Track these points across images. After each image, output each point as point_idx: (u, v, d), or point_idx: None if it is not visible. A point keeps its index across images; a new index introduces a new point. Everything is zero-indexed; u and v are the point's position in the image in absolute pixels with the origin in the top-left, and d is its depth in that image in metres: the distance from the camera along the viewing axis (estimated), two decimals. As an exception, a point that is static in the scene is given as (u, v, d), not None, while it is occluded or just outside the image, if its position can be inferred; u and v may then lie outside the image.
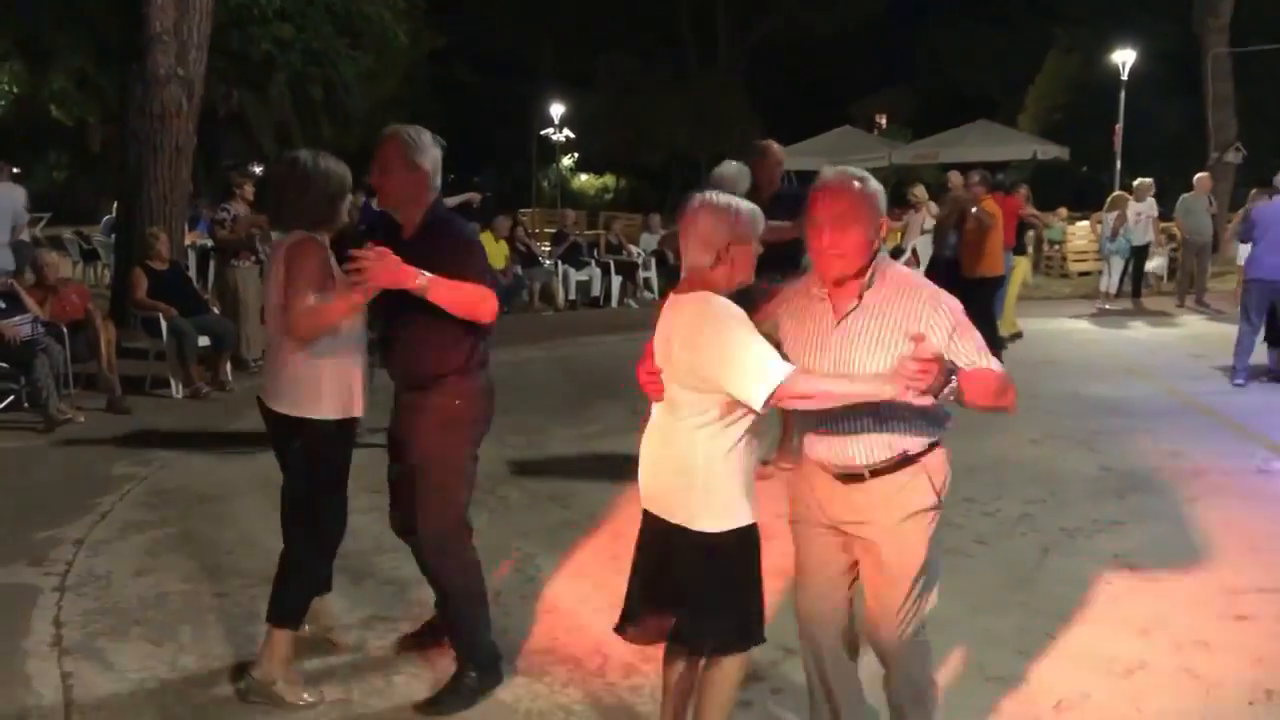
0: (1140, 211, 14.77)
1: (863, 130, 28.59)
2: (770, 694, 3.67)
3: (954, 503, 5.78)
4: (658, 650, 3.97)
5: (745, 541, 2.87)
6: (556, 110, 36.50)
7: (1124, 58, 22.62)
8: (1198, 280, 14.89)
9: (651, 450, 3.00)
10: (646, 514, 3.02)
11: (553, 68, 39.56)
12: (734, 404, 2.74)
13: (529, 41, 39.72)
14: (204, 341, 8.80)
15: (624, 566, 4.85)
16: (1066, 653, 4.00)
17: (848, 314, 2.79)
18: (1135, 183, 15.30)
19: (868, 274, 2.79)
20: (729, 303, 2.80)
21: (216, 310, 9.21)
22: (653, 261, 16.60)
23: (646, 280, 16.36)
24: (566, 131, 37.43)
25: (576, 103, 37.61)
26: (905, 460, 2.80)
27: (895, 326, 2.72)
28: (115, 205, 13.24)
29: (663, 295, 5.73)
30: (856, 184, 2.77)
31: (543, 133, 37.63)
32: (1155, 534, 5.32)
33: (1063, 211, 19.78)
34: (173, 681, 3.74)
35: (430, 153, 3.51)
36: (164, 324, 8.64)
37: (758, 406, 2.69)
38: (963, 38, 37.16)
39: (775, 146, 6.37)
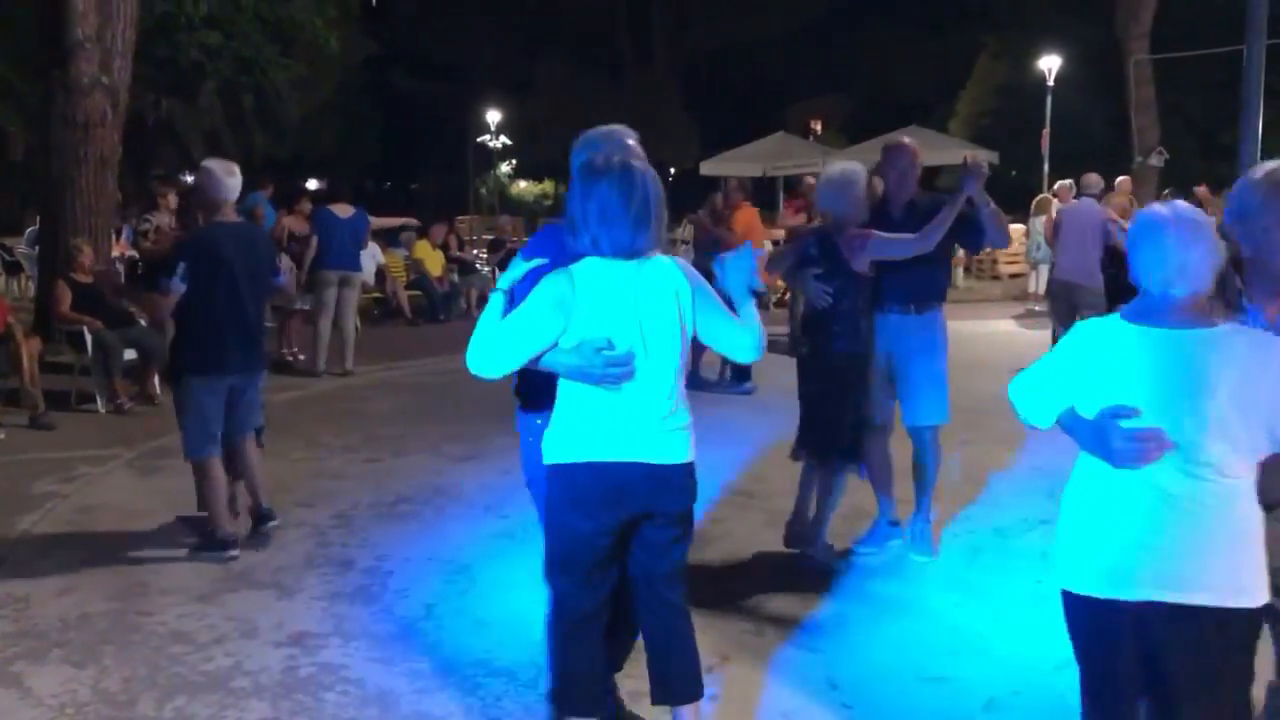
0: (1064, 214, 15.06)
1: (798, 136, 28.79)
2: (708, 700, 3.67)
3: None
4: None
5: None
6: (493, 116, 36.36)
7: (1050, 63, 23.11)
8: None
9: (1159, 518, 2.39)
10: (1116, 603, 2.45)
11: (489, 74, 39.39)
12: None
13: (466, 48, 39.52)
14: (130, 355, 8.61)
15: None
16: (997, 652, 4.06)
17: None
18: (1056, 186, 15.62)
19: None
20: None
21: (143, 323, 9.00)
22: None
23: (584, 287, 16.32)
24: (504, 138, 37.30)
25: (514, 109, 37.48)
26: None
27: None
28: (39, 216, 12.92)
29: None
30: None
31: (479, 139, 37.46)
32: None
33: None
34: (94, 705, 3.65)
35: None
36: (88, 337, 8.44)
37: None
38: (896, 43, 37.68)
39: (907, 144, 5.14)
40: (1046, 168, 21.63)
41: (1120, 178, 15.69)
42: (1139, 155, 23.70)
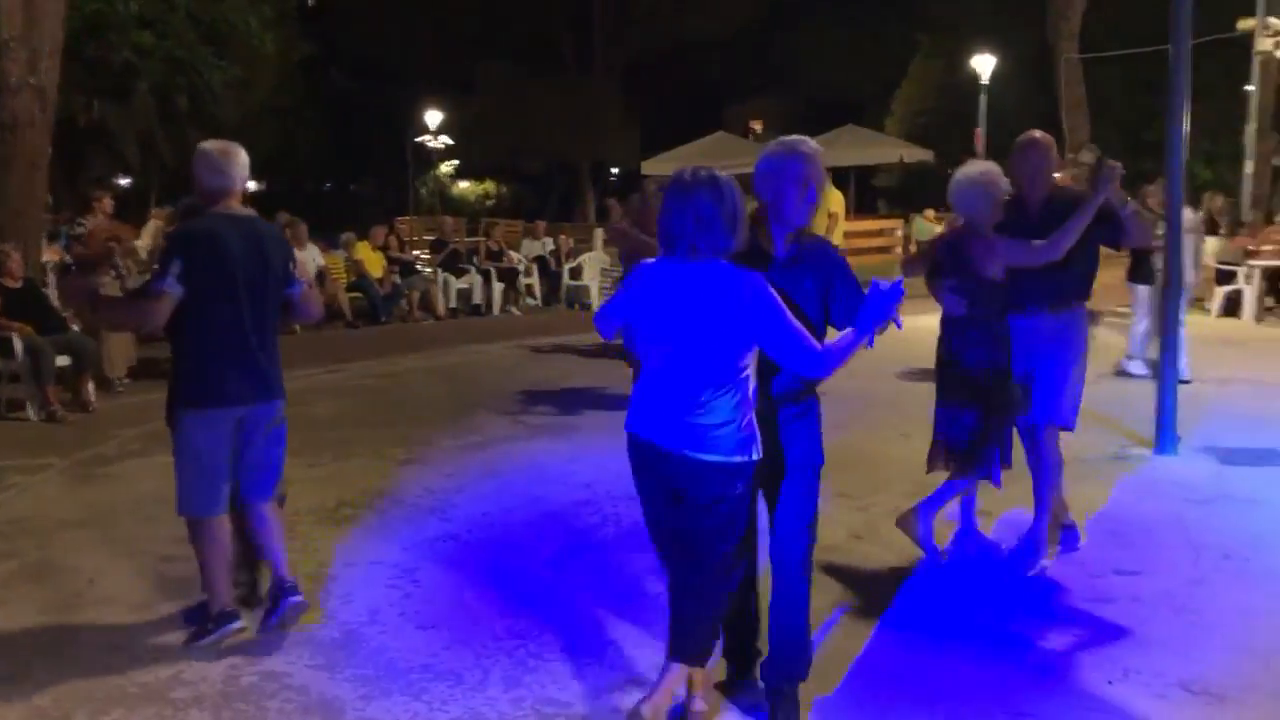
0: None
1: (738, 135, 28.96)
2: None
3: (828, 497, 5.89)
4: (539, 663, 3.96)
5: None
6: (434, 117, 36.11)
7: (983, 63, 23.49)
8: None
9: None
10: None
11: (430, 74, 39.08)
12: None
13: (405, 48, 39.17)
14: (63, 361, 8.43)
15: (504, 578, 4.84)
16: (938, 642, 4.11)
17: None
18: None
19: None
20: None
21: (76, 328, 8.82)
22: (535, 268, 16.54)
23: (529, 287, 16.28)
24: (444, 138, 37.05)
25: (455, 109, 37.25)
26: None
27: None
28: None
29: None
30: None
31: (419, 140, 37.17)
32: (1021, 522, 5.49)
33: (930, 213, 20.40)
34: (28, 720, 3.57)
35: None
36: (18, 344, 8.25)
37: None
38: (832, 43, 38.02)
39: (1041, 138, 4.94)
40: (982, 166, 21.97)
41: (1056, 175, 16.07)
42: (1070, 153, 24.19)
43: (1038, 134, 4.96)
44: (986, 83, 23.36)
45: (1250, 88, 20.06)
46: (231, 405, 4.08)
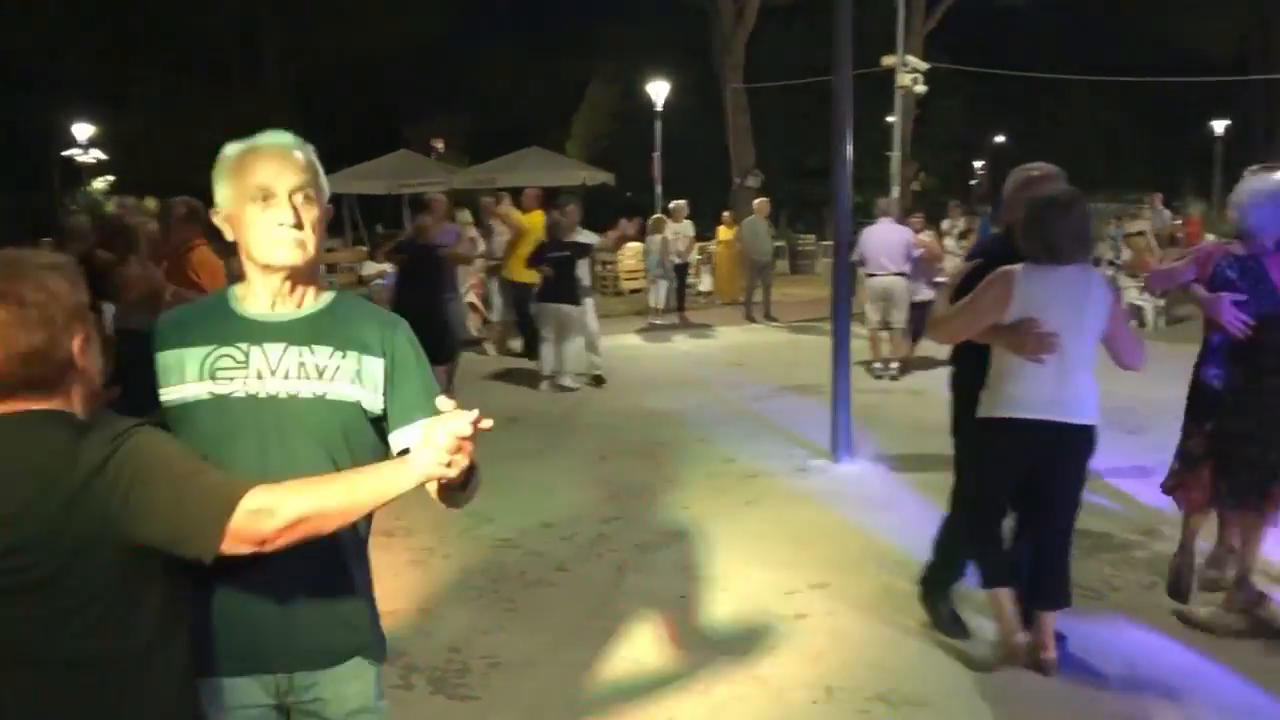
0: (677, 231, 15.93)
1: (421, 154, 28.46)
2: None
3: (533, 529, 5.77)
4: None
5: None
6: (83, 129, 33.04)
7: (657, 90, 24.39)
8: (764, 295, 16.12)
9: None
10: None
11: (79, 84, 35.74)
12: None
13: (48, 55, 35.64)
14: None
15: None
16: (647, 676, 4.04)
17: None
18: (671, 206, 16.61)
19: None
20: None
21: None
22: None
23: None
24: (96, 152, 33.99)
25: (111, 122, 34.24)
26: None
27: None
28: None
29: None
30: None
31: (66, 154, 33.89)
32: (717, 541, 5.57)
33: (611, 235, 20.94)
34: None
35: None
36: None
37: None
38: (513, 65, 38.34)
39: None
40: (659, 189, 22.76)
41: (758, 200, 17.29)
42: (737, 177, 25.66)
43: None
44: (661, 109, 24.22)
45: (892, 119, 22.03)
46: None
